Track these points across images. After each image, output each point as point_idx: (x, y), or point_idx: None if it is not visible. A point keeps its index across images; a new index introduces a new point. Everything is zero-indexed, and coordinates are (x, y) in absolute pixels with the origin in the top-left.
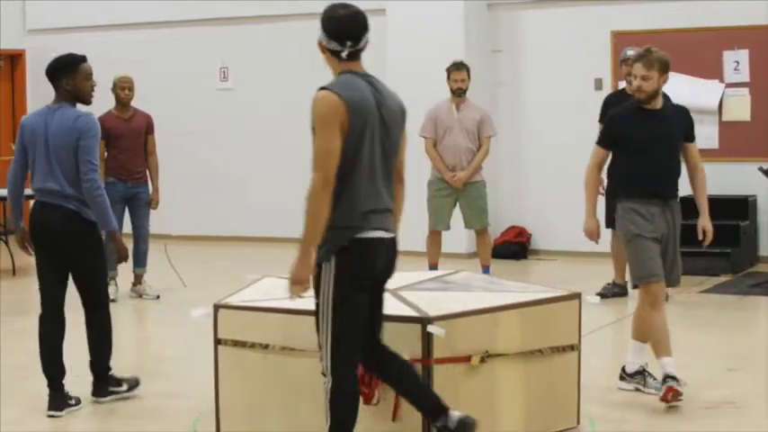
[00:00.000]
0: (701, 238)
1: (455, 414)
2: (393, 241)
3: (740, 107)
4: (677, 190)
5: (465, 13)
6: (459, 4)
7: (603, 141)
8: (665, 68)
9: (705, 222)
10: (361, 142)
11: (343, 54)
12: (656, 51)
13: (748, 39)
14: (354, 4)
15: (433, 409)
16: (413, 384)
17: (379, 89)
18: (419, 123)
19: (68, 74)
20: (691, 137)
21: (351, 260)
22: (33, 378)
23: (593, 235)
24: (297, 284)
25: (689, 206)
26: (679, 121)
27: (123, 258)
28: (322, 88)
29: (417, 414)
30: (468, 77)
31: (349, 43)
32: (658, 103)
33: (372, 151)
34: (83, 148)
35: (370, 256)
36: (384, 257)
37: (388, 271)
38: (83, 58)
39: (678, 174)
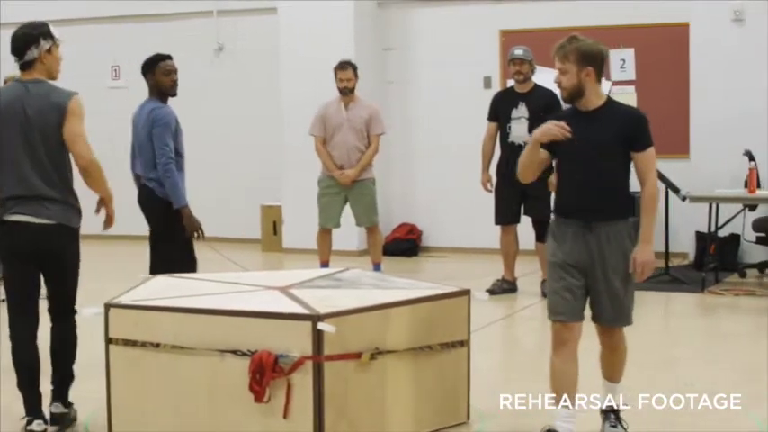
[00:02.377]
0: (630, 270)
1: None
2: (44, 226)
3: None
4: (606, 210)
5: (355, 11)
6: (350, 3)
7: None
8: (585, 60)
9: (637, 253)
10: (2, 140)
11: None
12: (576, 41)
13: (634, 37)
14: (27, 23)
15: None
16: (56, 366)
17: (32, 93)
18: (310, 121)
19: (150, 71)
20: (637, 145)
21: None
22: None
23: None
24: None
25: None
26: (618, 126)
27: (196, 230)
28: None
29: (309, 411)
30: (355, 76)
31: (15, 58)
32: (591, 103)
33: (13, 146)
34: (155, 135)
35: (9, 236)
36: (29, 239)
37: (46, 252)
38: (162, 57)
39: (612, 189)
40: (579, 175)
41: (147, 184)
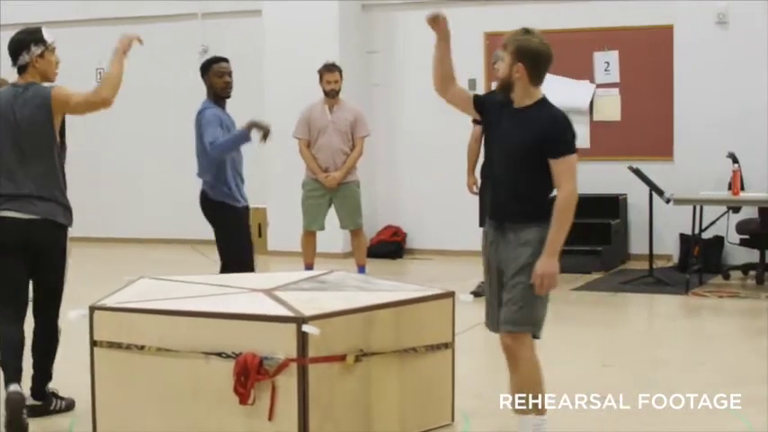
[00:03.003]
0: (530, 281)
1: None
2: (30, 221)
3: (610, 107)
4: (517, 213)
5: (340, 14)
6: (334, 5)
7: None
8: (519, 55)
9: (538, 265)
10: None
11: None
12: (523, 34)
13: (618, 40)
14: (23, 29)
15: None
16: (37, 361)
17: (21, 96)
18: (295, 124)
19: (205, 73)
20: (550, 151)
21: None
22: None
23: None
24: None
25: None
26: (536, 129)
27: (266, 129)
28: None
29: (293, 413)
30: (341, 78)
31: (11, 62)
32: (519, 101)
33: (6, 147)
34: (197, 137)
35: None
36: (18, 233)
37: (32, 245)
38: (217, 59)
39: (524, 192)
40: (495, 173)
41: (202, 187)
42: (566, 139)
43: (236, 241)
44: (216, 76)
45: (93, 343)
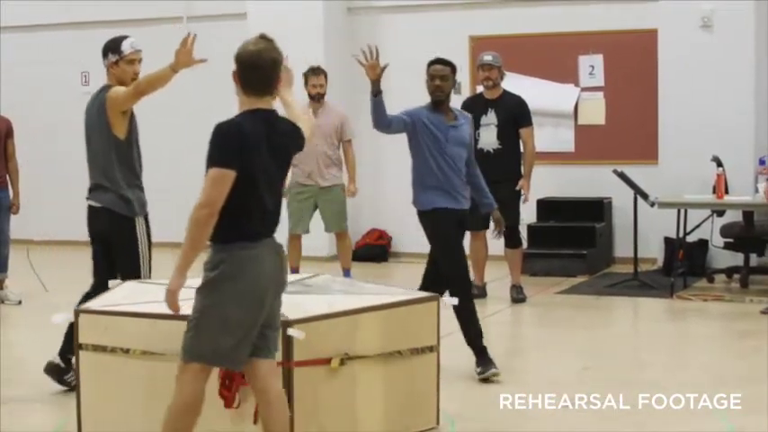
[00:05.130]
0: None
1: None
2: (99, 210)
3: (595, 111)
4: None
5: (325, 17)
6: (319, 8)
7: None
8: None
9: None
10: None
11: None
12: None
13: (602, 43)
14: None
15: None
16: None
17: (92, 99)
18: None
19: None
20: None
21: None
22: None
23: None
24: None
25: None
26: None
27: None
28: None
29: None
30: (326, 82)
31: None
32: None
33: (86, 144)
34: None
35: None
36: (93, 220)
37: (102, 232)
38: None
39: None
40: None
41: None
42: (210, 152)
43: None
44: None
45: (79, 346)
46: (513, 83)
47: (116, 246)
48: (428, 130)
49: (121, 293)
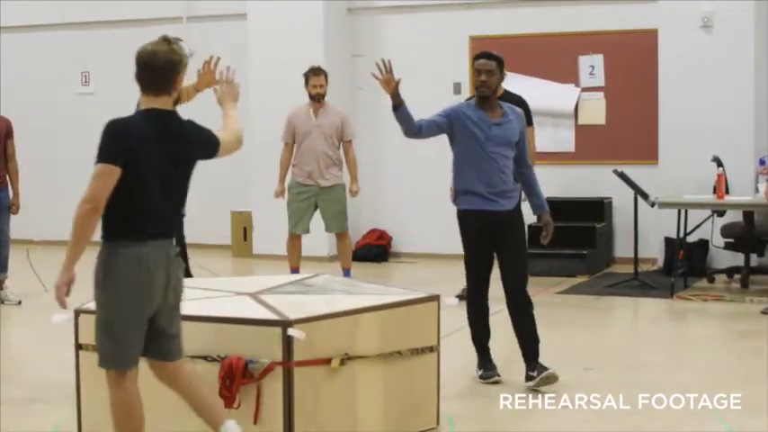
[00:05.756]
0: None
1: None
2: None
3: (595, 111)
4: None
5: (325, 17)
6: (319, 9)
7: None
8: None
9: None
10: None
11: None
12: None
13: (603, 44)
14: None
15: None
16: None
17: None
18: (279, 127)
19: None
20: None
21: None
22: None
23: None
24: None
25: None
26: None
27: None
28: None
29: (278, 417)
30: (327, 82)
31: None
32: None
33: None
34: None
35: None
36: None
37: None
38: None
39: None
40: None
41: None
42: (97, 148)
43: None
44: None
45: (79, 346)
46: (514, 83)
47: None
48: (467, 128)
49: None
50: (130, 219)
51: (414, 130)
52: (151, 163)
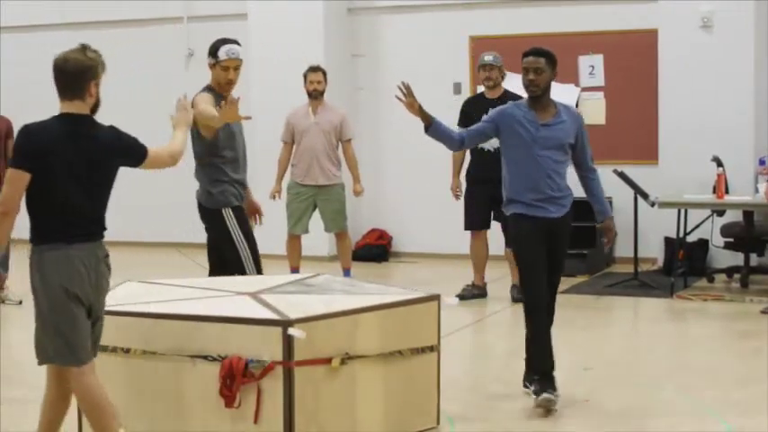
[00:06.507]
0: None
1: None
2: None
3: (595, 111)
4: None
5: (325, 17)
6: (320, 9)
7: None
8: None
9: None
10: None
11: None
12: None
13: (603, 43)
14: None
15: None
16: None
17: None
18: (280, 126)
19: None
20: None
21: None
22: None
23: None
24: None
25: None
26: None
27: None
28: None
29: (279, 416)
30: (325, 80)
31: None
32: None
33: None
34: None
35: None
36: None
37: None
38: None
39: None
40: None
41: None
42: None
43: None
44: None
45: None
46: (514, 83)
47: (208, 234)
48: (513, 129)
49: (122, 293)
50: (52, 221)
51: (455, 145)
52: (65, 166)
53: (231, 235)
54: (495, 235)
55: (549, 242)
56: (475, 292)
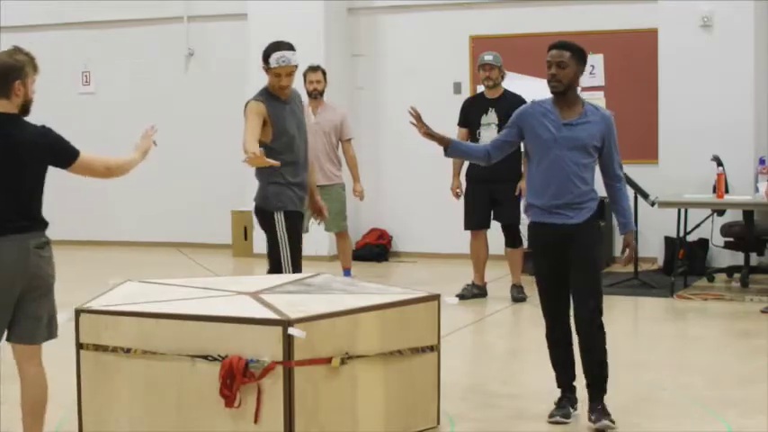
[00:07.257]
0: None
1: None
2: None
3: None
4: None
5: (325, 17)
6: (320, 8)
7: None
8: None
9: None
10: None
11: None
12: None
13: (603, 43)
14: None
15: None
16: None
17: None
18: None
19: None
20: None
21: None
22: None
23: None
24: None
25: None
26: None
27: None
28: None
29: (279, 416)
30: (325, 80)
31: None
32: None
33: None
34: None
35: None
36: None
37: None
38: None
39: None
40: None
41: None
42: None
43: None
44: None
45: (80, 346)
46: (514, 83)
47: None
48: (534, 129)
49: (122, 293)
50: None
51: (482, 160)
52: None
53: (277, 237)
54: (496, 235)
55: (569, 249)
56: (475, 292)
